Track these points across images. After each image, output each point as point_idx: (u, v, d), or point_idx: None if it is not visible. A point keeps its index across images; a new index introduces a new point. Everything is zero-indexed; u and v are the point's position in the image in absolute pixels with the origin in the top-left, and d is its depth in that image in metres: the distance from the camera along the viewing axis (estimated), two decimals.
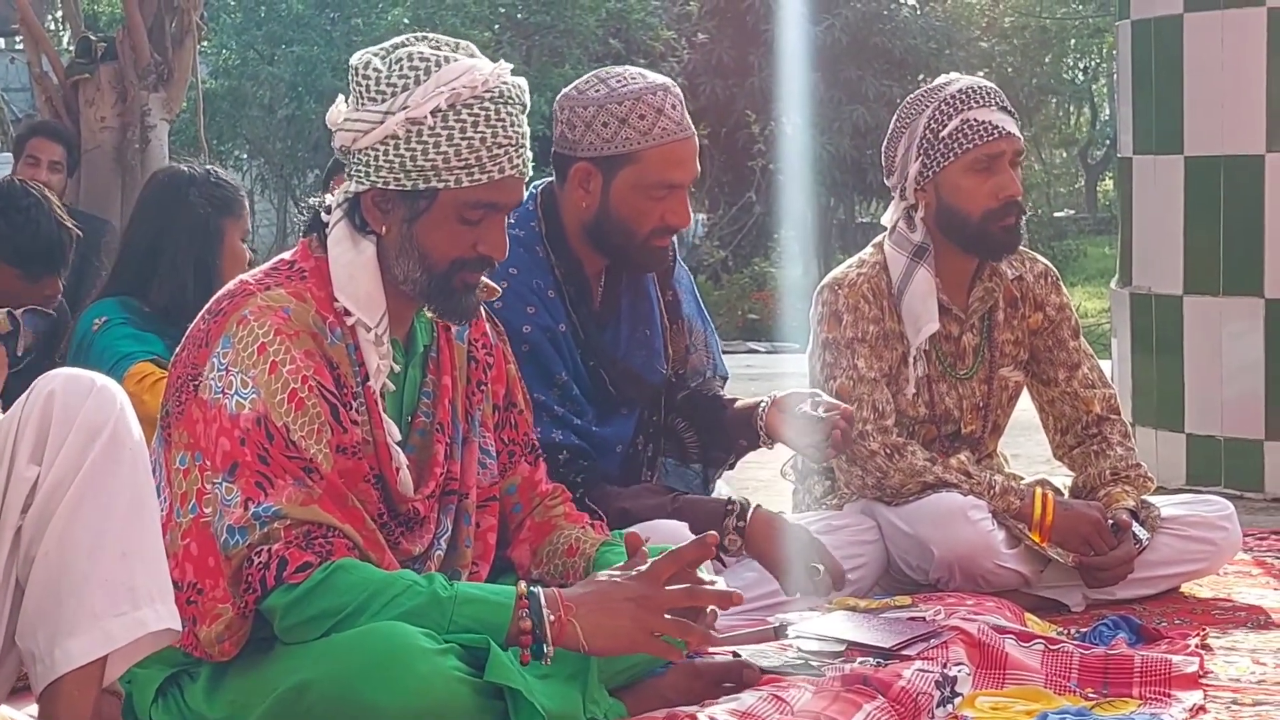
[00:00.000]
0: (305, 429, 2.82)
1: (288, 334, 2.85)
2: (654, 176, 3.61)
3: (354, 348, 2.94)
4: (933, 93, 4.19)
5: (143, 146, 8.33)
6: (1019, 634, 3.55)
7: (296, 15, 17.98)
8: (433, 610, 2.76)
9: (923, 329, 4.18)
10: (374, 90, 2.89)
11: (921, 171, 4.16)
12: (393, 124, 2.86)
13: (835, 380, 4.16)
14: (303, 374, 2.84)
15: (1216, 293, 5.71)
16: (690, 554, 2.86)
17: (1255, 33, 5.57)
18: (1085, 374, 4.38)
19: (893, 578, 4.19)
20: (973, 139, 4.10)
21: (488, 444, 3.18)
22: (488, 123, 2.88)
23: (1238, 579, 4.41)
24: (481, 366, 3.17)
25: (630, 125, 3.59)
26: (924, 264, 4.18)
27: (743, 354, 13.27)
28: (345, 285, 2.92)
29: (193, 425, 2.84)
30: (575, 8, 17.29)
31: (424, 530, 3.05)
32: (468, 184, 2.88)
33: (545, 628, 2.76)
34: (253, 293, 2.89)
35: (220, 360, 2.84)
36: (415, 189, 2.89)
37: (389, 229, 2.93)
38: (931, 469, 4.12)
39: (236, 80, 18.43)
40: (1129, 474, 4.27)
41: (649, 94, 3.62)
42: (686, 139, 3.66)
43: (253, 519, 2.76)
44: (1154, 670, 3.35)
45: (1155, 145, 5.86)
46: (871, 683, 3.19)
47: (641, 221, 3.65)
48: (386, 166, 2.89)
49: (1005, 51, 21.38)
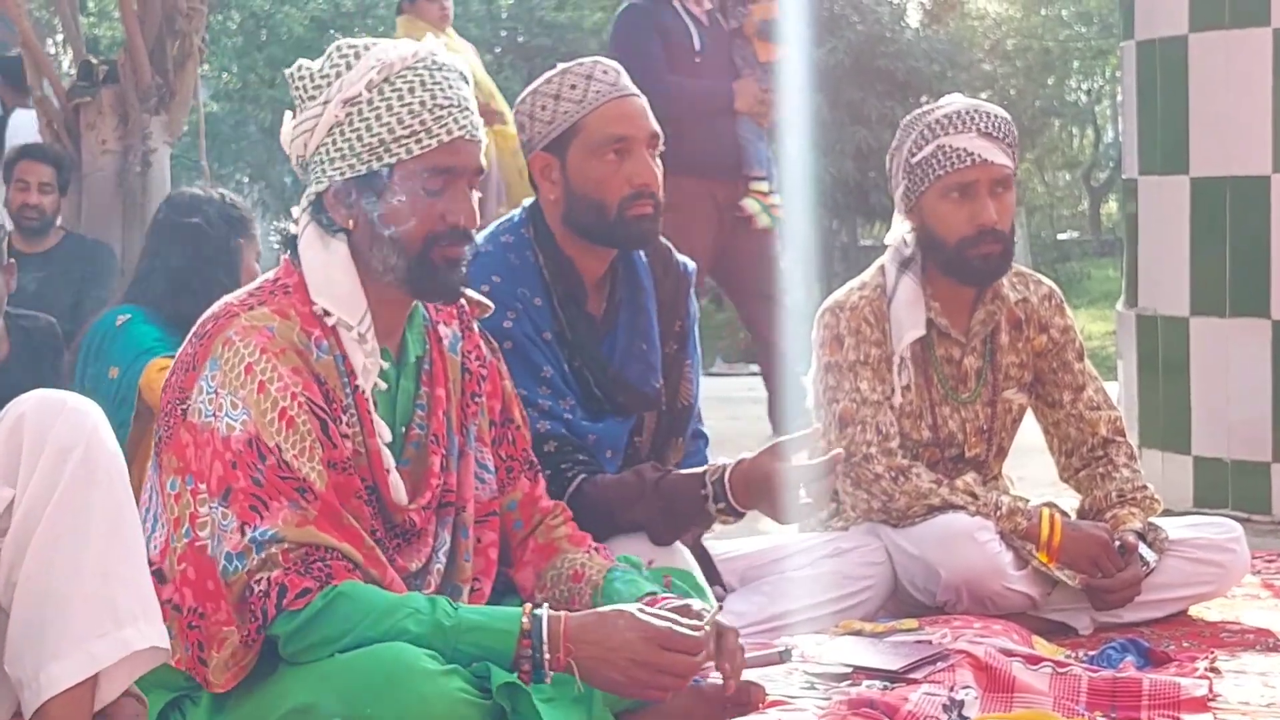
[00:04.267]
0: (297, 447, 2.80)
1: (273, 352, 2.83)
2: (599, 137, 3.59)
3: (341, 359, 2.91)
4: (921, 116, 4.21)
5: (144, 170, 8.30)
6: (1026, 657, 3.53)
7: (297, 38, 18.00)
8: (436, 639, 2.74)
9: (905, 335, 4.18)
10: (310, 89, 2.92)
11: (905, 194, 4.18)
12: (331, 112, 2.88)
13: (838, 403, 4.15)
14: (291, 391, 2.82)
15: (1223, 314, 5.69)
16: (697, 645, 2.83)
17: (1261, 53, 5.56)
18: (1090, 396, 4.37)
19: (900, 600, 4.17)
20: (944, 165, 4.10)
21: (485, 458, 3.16)
22: (424, 87, 2.89)
23: (1246, 601, 4.39)
24: (475, 378, 3.14)
25: (564, 99, 3.61)
26: (909, 272, 4.19)
27: (745, 376, 13.22)
28: (322, 287, 2.91)
29: (182, 449, 2.82)
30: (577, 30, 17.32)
31: (421, 544, 3.02)
32: (418, 152, 2.88)
33: (545, 668, 2.75)
34: (236, 313, 2.88)
35: (209, 383, 2.82)
36: (370, 171, 2.88)
37: (355, 222, 2.92)
38: (937, 491, 4.10)
39: (238, 103, 18.46)
40: (1135, 496, 4.25)
41: (576, 67, 3.66)
42: (624, 97, 3.64)
43: (250, 544, 2.74)
44: (1162, 694, 3.33)
45: (1160, 166, 5.85)
46: (878, 706, 3.18)
47: (605, 190, 3.60)
48: (338, 156, 2.90)
49: (1008, 74, 21.38)
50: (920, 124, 4.17)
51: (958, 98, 4.25)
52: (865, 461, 4.09)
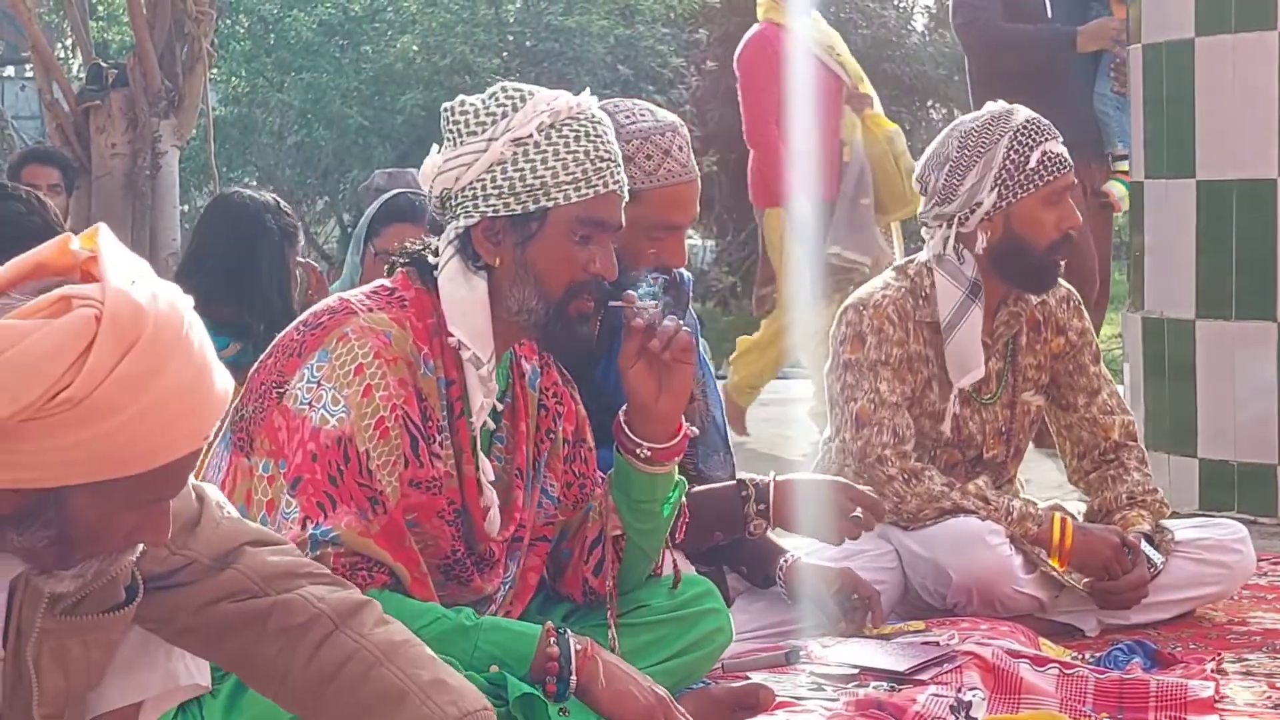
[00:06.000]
0: (383, 459, 2.81)
1: (386, 359, 2.84)
2: (655, 217, 3.53)
3: (445, 383, 2.93)
4: (1000, 122, 4.13)
5: (153, 173, 8.33)
6: (1033, 658, 3.54)
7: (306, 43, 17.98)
8: (458, 637, 2.77)
9: (970, 372, 4.17)
10: (474, 124, 2.92)
11: (996, 203, 4.12)
12: (497, 149, 2.89)
13: (855, 402, 4.14)
14: (393, 402, 2.82)
15: (1229, 317, 5.70)
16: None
17: (1267, 57, 5.57)
18: (1105, 400, 4.37)
19: (910, 602, 4.17)
20: (1052, 171, 4.09)
21: (548, 484, 3.17)
22: (589, 137, 2.93)
23: (1253, 603, 4.40)
24: (551, 415, 3.16)
25: (636, 164, 3.51)
26: (977, 303, 4.15)
27: None
28: (459, 321, 2.92)
29: (274, 432, 2.82)
30: (584, 35, 17.31)
31: (495, 573, 3.05)
32: (575, 199, 2.91)
33: (571, 656, 2.76)
34: (355, 312, 2.89)
35: (313, 372, 2.82)
36: (525, 211, 2.90)
37: (502, 259, 2.93)
38: (949, 494, 4.10)
39: (246, 107, 18.44)
40: (1146, 499, 4.26)
41: (657, 134, 3.55)
42: (690, 182, 3.59)
43: (308, 538, 2.73)
44: (1169, 695, 3.34)
45: (1167, 169, 5.85)
46: (886, 708, 3.19)
47: (636, 260, 3.51)
48: (495, 193, 2.90)
49: None
50: (1007, 128, 4.11)
51: (1005, 105, 4.20)
52: (879, 463, 4.09)
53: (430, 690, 2.33)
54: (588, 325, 2.98)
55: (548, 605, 3.24)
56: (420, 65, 16.84)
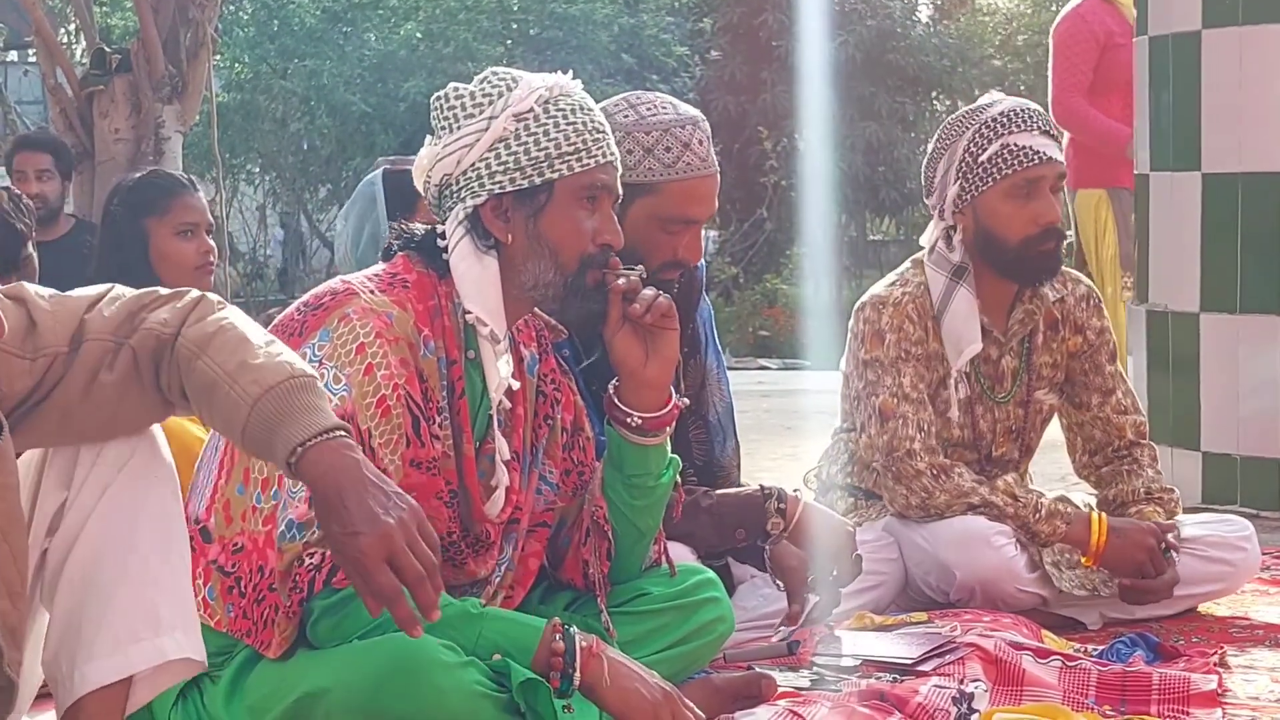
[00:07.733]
0: (385, 437, 2.82)
1: (388, 339, 2.86)
2: (672, 210, 3.53)
3: (445, 363, 2.95)
4: (974, 114, 4.14)
5: (157, 159, 8.33)
6: (1036, 650, 3.54)
7: (309, 29, 18.01)
8: (463, 623, 2.76)
9: (964, 350, 4.14)
10: (470, 106, 2.99)
11: (960, 195, 4.11)
12: (500, 125, 2.96)
13: (878, 397, 4.12)
14: (394, 381, 2.84)
15: (1233, 310, 5.69)
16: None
17: (1273, 49, 5.56)
18: (1119, 400, 4.34)
19: (911, 596, 4.16)
20: (1012, 164, 4.06)
21: (547, 471, 3.19)
22: (583, 110, 3.02)
23: (1255, 597, 4.39)
24: (550, 401, 3.18)
25: (655, 156, 3.52)
26: (963, 284, 4.13)
27: (754, 370, 13.27)
28: (475, 298, 2.96)
29: None
30: (588, 23, 17.31)
31: (489, 555, 3.07)
32: (579, 170, 2.98)
33: (576, 651, 2.75)
34: (356, 293, 2.91)
35: (315, 352, 2.83)
36: (532, 184, 2.96)
37: (514, 235, 2.98)
38: (979, 490, 4.07)
39: (249, 94, 18.46)
40: (1161, 496, 4.23)
41: (677, 127, 3.55)
42: (709, 175, 3.58)
43: (312, 517, 2.74)
44: (1172, 688, 3.33)
45: (1172, 162, 5.84)
46: (888, 698, 3.18)
47: (653, 254, 3.52)
48: (500, 170, 2.96)
49: (1018, 69, 21.36)
50: (976, 121, 4.10)
51: (1000, 95, 4.21)
52: (908, 457, 4.07)
53: (236, 375, 2.41)
54: (604, 295, 3.02)
55: (550, 594, 3.25)
56: (423, 52, 16.86)
